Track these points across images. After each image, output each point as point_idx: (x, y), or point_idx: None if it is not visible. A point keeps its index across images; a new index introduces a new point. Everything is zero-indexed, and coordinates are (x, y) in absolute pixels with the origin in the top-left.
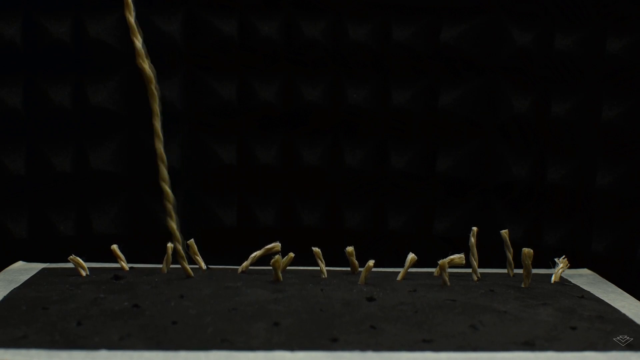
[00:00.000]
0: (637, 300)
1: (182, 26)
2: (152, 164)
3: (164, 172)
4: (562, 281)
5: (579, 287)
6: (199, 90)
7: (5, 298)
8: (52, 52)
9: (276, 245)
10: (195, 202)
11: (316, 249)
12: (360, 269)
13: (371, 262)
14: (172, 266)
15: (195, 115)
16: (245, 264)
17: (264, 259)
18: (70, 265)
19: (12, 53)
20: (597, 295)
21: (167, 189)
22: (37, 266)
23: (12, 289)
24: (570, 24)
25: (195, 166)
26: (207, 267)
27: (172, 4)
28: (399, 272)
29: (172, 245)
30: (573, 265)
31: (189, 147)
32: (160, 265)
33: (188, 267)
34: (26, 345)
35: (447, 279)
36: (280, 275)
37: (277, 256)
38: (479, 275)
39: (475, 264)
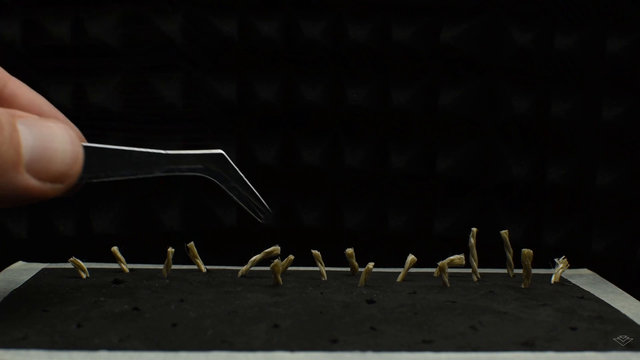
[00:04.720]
0: (637, 300)
1: (182, 26)
2: None
3: None
4: (562, 281)
5: (579, 287)
6: (199, 89)
7: (6, 299)
8: (52, 52)
9: (275, 248)
10: (195, 202)
11: (316, 252)
12: (360, 270)
13: (371, 265)
14: (172, 268)
15: (195, 115)
16: (244, 268)
17: (265, 260)
18: (70, 265)
19: (13, 53)
20: (597, 295)
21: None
22: (37, 266)
23: (12, 290)
24: (570, 24)
25: None
26: (207, 270)
27: (172, 4)
28: (399, 272)
29: (173, 249)
30: (573, 265)
31: (189, 147)
32: (160, 266)
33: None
34: (26, 346)
35: (446, 280)
36: (279, 279)
37: (276, 260)
38: (479, 276)
39: (475, 264)
